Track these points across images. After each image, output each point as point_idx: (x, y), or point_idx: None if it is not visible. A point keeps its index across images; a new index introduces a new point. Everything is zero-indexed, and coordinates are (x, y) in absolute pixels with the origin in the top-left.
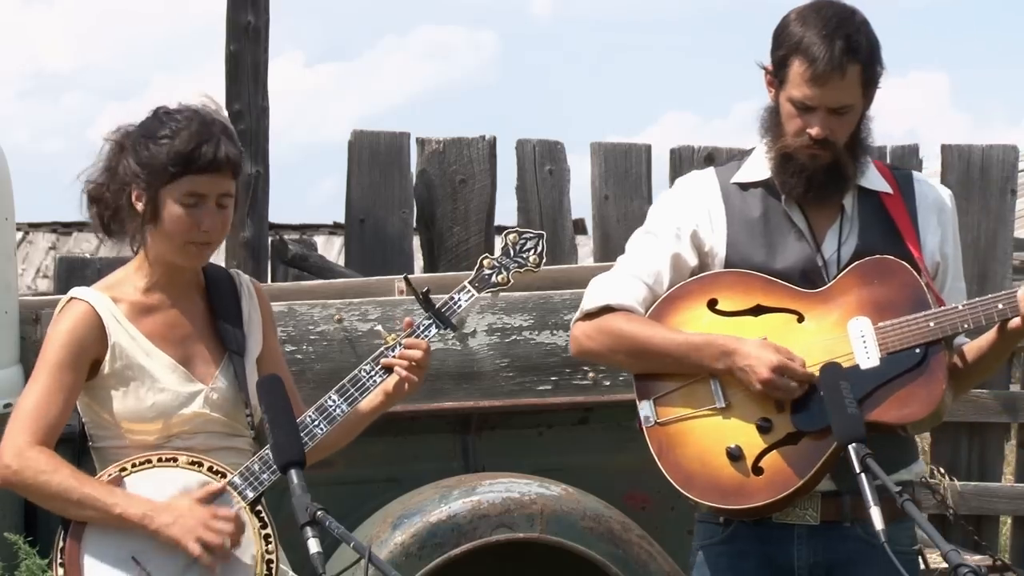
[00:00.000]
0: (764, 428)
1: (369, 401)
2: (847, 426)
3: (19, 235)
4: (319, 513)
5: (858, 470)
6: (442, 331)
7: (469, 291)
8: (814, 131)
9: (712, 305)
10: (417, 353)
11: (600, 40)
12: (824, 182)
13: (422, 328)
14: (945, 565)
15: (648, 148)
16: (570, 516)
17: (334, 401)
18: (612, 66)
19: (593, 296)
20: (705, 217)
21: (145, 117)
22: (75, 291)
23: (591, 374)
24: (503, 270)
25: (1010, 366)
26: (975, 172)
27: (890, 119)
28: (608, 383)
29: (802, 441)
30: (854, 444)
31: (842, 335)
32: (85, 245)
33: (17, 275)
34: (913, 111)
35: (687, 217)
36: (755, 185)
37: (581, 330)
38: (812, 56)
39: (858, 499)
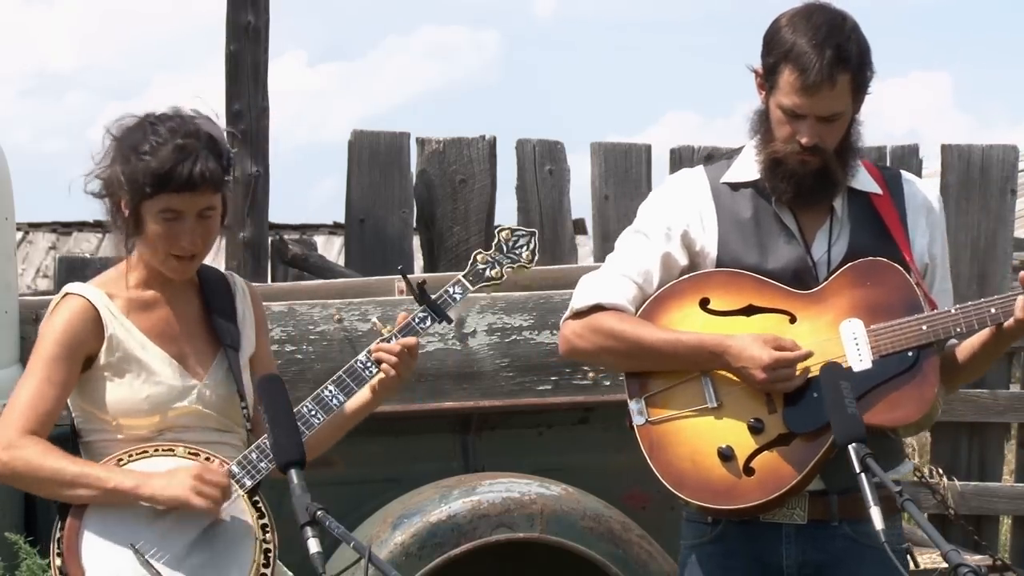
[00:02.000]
0: (756, 428)
1: (355, 399)
2: (847, 426)
3: (19, 235)
4: (319, 513)
5: (858, 470)
6: (438, 323)
7: (464, 284)
8: (804, 139)
9: (704, 304)
10: (394, 348)
11: (602, 39)
12: (813, 187)
13: (418, 320)
14: (944, 565)
15: (648, 148)
16: (570, 516)
17: (331, 392)
18: (614, 65)
19: (583, 295)
20: (696, 217)
21: (137, 121)
22: (70, 287)
23: (591, 374)
24: (496, 265)
25: (1010, 366)
26: (975, 172)
27: (891, 119)
28: (608, 383)
29: (794, 442)
30: (854, 444)
31: (834, 337)
32: (85, 245)
33: (17, 275)
34: (915, 111)
35: (678, 216)
36: (745, 185)
37: (571, 329)
38: (802, 66)
39: (845, 498)
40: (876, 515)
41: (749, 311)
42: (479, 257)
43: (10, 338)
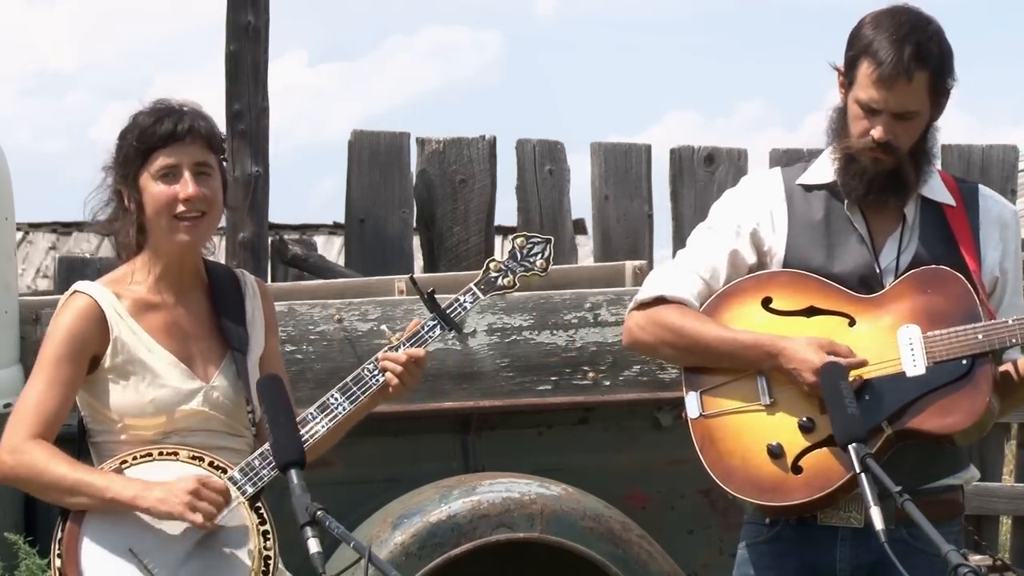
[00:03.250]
0: (807, 428)
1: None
2: (847, 426)
3: (19, 235)
4: (319, 513)
5: (858, 470)
6: (447, 333)
7: (475, 293)
8: (876, 133)
9: (766, 304)
10: (400, 358)
11: (603, 39)
12: (884, 186)
13: (427, 329)
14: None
15: (648, 148)
16: (570, 516)
17: (336, 399)
18: (615, 65)
19: (648, 287)
20: (767, 217)
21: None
22: (78, 285)
23: (591, 374)
24: (509, 273)
25: None
26: (975, 172)
27: None
28: (608, 383)
29: None
30: (854, 444)
31: (891, 341)
32: (85, 245)
33: (17, 275)
34: None
35: (748, 215)
36: (819, 187)
37: (634, 320)
38: (880, 59)
39: (904, 502)
40: (876, 515)
41: (810, 312)
42: (492, 265)
43: (10, 338)
